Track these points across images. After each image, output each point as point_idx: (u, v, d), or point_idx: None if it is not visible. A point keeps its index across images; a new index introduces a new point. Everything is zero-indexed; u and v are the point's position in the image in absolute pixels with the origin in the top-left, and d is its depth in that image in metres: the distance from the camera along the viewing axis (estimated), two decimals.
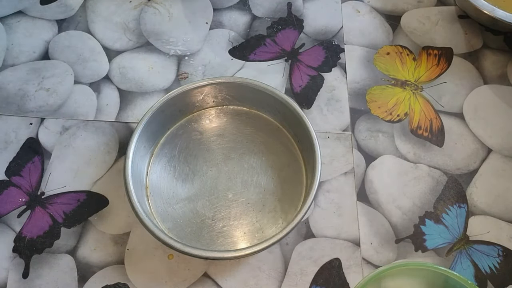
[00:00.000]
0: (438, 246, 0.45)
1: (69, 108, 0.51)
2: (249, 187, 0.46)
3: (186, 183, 0.46)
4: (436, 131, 0.51)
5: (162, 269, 0.42)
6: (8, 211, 0.45)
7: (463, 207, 0.47)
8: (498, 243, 0.46)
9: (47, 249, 0.43)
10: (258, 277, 0.43)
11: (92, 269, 0.43)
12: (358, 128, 0.51)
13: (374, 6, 0.60)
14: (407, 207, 0.47)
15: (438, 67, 0.56)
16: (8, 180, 0.46)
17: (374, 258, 0.44)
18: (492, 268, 0.45)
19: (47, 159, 0.48)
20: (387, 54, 0.56)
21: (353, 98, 0.53)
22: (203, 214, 0.45)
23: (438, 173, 0.49)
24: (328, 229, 0.45)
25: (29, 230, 0.44)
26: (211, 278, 0.43)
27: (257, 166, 0.47)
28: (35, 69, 0.53)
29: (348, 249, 0.44)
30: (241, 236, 0.44)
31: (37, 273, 0.42)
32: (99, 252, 0.43)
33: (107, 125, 0.50)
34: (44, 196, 0.46)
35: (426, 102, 0.53)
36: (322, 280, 0.43)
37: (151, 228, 0.39)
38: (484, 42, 0.58)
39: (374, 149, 0.50)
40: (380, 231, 0.46)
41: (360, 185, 0.48)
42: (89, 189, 0.46)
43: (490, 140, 0.51)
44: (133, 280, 0.42)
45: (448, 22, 0.59)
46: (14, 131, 0.49)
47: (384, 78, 0.55)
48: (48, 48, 0.55)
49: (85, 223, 0.45)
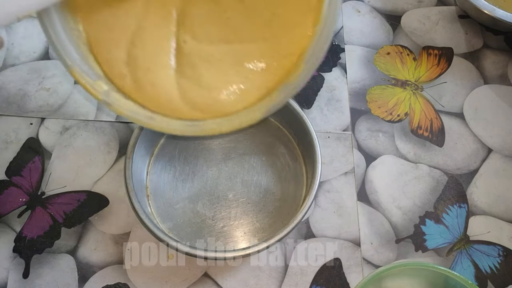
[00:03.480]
0: (438, 246, 0.45)
1: (70, 108, 0.51)
2: (249, 187, 0.46)
3: (186, 183, 0.46)
4: (437, 131, 0.51)
5: (162, 269, 0.42)
6: (8, 211, 0.45)
7: (464, 207, 0.47)
8: (498, 243, 0.46)
9: (47, 249, 0.43)
10: (258, 277, 0.43)
11: (93, 269, 0.43)
12: (358, 128, 0.51)
13: (375, 6, 0.60)
14: (407, 207, 0.47)
15: (439, 67, 0.56)
16: (9, 180, 0.47)
17: (375, 258, 0.44)
18: (493, 268, 0.45)
19: (47, 159, 0.48)
20: (387, 54, 0.56)
21: (354, 98, 0.53)
22: (203, 214, 0.45)
23: (439, 173, 0.49)
24: (328, 229, 0.45)
25: (30, 230, 0.44)
26: (211, 278, 0.43)
27: (257, 166, 0.47)
28: (35, 69, 0.53)
29: (349, 249, 0.44)
30: (241, 236, 0.44)
31: (38, 273, 0.42)
32: (99, 252, 0.43)
33: (107, 125, 0.50)
34: (44, 196, 0.46)
35: (426, 102, 0.53)
36: (323, 280, 0.43)
37: (151, 228, 0.39)
38: (485, 42, 0.58)
39: (374, 149, 0.50)
40: (380, 231, 0.46)
41: (361, 185, 0.48)
42: (90, 189, 0.46)
43: (491, 140, 0.51)
44: (133, 280, 0.42)
45: (448, 22, 0.59)
46: (14, 131, 0.49)
47: (384, 78, 0.55)
48: (48, 48, 0.55)
49: (86, 223, 0.45)
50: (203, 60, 0.33)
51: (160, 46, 0.33)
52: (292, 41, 0.32)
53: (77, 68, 0.31)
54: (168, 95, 0.32)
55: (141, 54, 0.32)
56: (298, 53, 0.32)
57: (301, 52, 0.32)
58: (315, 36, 0.31)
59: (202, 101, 0.32)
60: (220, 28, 0.33)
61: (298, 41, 0.32)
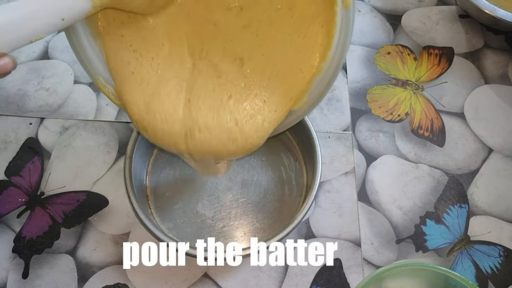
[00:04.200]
0: (439, 246, 0.45)
1: (69, 108, 0.51)
2: (249, 187, 0.46)
3: (186, 183, 0.46)
4: (437, 131, 0.51)
5: (162, 269, 0.42)
6: (8, 211, 0.45)
7: (464, 207, 0.47)
8: (499, 243, 0.45)
9: (47, 249, 0.43)
10: (258, 277, 0.43)
11: (92, 269, 0.42)
12: (358, 128, 0.51)
13: (375, 6, 0.60)
14: (408, 207, 0.47)
15: (439, 67, 0.56)
16: (8, 180, 0.46)
17: (375, 258, 0.44)
18: (493, 268, 0.44)
19: (47, 159, 0.48)
20: (387, 53, 0.56)
21: (354, 98, 0.53)
22: (203, 214, 0.45)
23: (439, 173, 0.49)
24: (329, 229, 0.45)
25: (29, 230, 0.44)
26: (211, 278, 0.43)
27: (257, 166, 0.47)
28: (35, 69, 0.53)
29: (349, 249, 0.44)
30: (241, 237, 0.44)
31: (37, 273, 0.42)
32: (99, 252, 0.43)
33: (107, 125, 0.50)
34: (44, 196, 0.46)
35: (427, 102, 0.53)
36: (323, 280, 0.43)
37: (151, 228, 0.39)
38: (485, 41, 0.58)
39: (374, 149, 0.50)
40: (380, 231, 0.45)
41: (361, 185, 0.48)
42: (89, 189, 0.46)
43: (491, 140, 0.51)
44: (132, 281, 0.42)
45: (449, 22, 0.59)
46: (13, 131, 0.49)
47: (384, 77, 0.54)
48: (48, 48, 0.55)
49: (85, 223, 0.45)
50: (207, 109, 0.34)
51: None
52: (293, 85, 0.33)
53: (101, 80, 0.33)
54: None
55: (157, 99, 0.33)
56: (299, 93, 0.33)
57: (304, 89, 0.33)
58: (320, 73, 0.32)
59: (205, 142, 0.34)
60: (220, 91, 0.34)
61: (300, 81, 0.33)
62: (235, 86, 0.33)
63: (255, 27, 0.33)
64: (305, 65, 0.32)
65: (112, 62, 0.33)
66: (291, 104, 0.33)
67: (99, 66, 0.33)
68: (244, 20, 0.33)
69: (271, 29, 0.33)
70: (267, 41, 0.33)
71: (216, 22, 0.33)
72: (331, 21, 0.30)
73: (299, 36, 0.32)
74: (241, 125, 0.32)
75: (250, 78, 0.33)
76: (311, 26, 0.31)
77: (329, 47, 0.31)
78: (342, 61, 0.31)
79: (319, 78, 0.32)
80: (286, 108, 0.33)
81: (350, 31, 0.30)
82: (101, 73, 0.33)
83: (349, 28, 0.30)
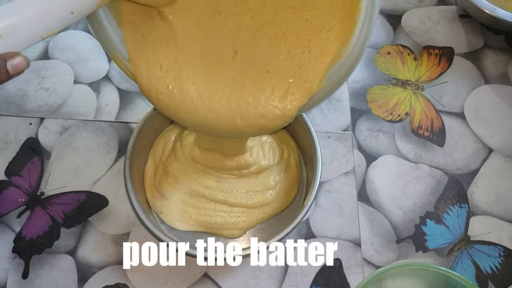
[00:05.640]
0: (439, 247, 0.45)
1: (69, 108, 0.51)
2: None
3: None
4: (437, 131, 0.51)
5: (162, 269, 0.42)
6: (7, 211, 0.45)
7: (464, 207, 0.47)
8: (499, 243, 0.45)
9: (47, 249, 0.43)
10: (258, 277, 0.43)
11: (92, 270, 0.42)
12: (358, 128, 0.51)
13: None
14: (408, 207, 0.47)
15: (439, 67, 0.56)
16: (8, 180, 0.46)
17: (375, 259, 0.44)
18: (493, 268, 0.44)
19: (46, 159, 0.48)
20: (388, 53, 0.56)
21: (354, 98, 0.53)
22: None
23: (439, 173, 0.49)
24: (329, 229, 0.45)
25: (29, 231, 0.44)
26: (211, 278, 0.43)
27: None
28: (35, 68, 0.53)
29: (349, 249, 0.44)
30: (242, 237, 0.44)
31: (37, 273, 0.42)
32: (99, 253, 0.43)
33: (107, 125, 0.50)
34: (43, 196, 0.46)
35: (427, 102, 0.53)
36: (323, 280, 0.43)
37: (151, 228, 0.39)
38: (485, 41, 0.58)
39: (374, 149, 0.50)
40: (380, 231, 0.45)
41: (361, 185, 0.48)
42: (89, 189, 0.46)
43: (491, 140, 0.51)
44: (132, 281, 0.42)
45: (449, 22, 0.59)
46: (13, 131, 0.49)
47: (385, 77, 0.54)
48: (48, 48, 0.55)
49: (85, 223, 0.44)
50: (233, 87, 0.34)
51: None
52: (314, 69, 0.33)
53: (118, 55, 0.33)
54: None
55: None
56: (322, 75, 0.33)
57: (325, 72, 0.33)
58: (342, 57, 0.32)
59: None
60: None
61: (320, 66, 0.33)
62: (260, 72, 0.33)
63: (280, 15, 0.33)
64: (326, 48, 0.32)
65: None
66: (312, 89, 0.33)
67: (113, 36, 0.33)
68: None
69: (297, 15, 0.33)
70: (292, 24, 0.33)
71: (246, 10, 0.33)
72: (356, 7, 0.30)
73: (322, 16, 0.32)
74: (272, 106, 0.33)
75: (282, 61, 0.33)
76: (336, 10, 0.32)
77: (352, 32, 0.31)
78: (364, 48, 0.31)
79: (339, 63, 0.32)
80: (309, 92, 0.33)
81: (374, 17, 0.30)
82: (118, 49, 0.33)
83: (374, 13, 0.30)
